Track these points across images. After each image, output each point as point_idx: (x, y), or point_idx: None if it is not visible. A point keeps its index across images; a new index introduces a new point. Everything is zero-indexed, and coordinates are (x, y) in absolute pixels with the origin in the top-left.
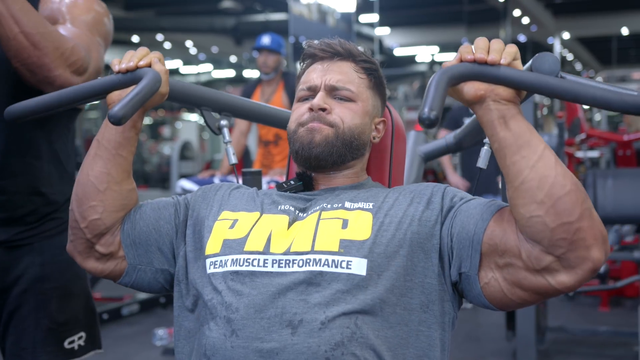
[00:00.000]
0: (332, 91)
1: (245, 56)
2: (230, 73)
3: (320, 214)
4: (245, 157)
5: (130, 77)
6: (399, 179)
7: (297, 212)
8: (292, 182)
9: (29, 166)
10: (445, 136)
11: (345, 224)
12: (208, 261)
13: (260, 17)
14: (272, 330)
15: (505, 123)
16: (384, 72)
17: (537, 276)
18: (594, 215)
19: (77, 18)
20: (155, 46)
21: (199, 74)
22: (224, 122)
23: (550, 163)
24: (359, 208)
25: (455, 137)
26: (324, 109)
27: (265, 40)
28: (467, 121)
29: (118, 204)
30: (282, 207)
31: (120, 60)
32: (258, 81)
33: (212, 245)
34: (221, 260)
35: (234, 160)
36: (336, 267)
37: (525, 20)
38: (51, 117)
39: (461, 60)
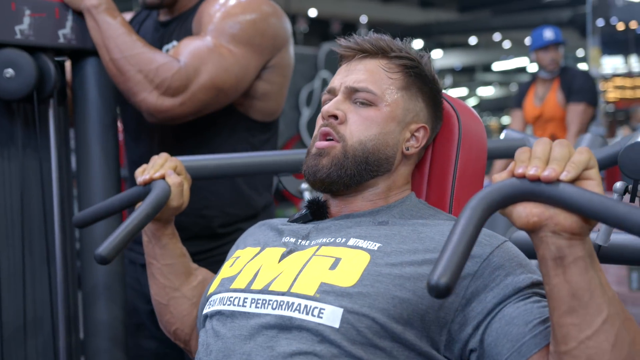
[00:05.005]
0: (352, 94)
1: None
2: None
3: (318, 249)
4: None
5: (144, 190)
6: (465, 199)
7: (299, 240)
8: (302, 211)
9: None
10: (622, 138)
11: (335, 264)
12: (208, 301)
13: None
14: None
15: (563, 267)
16: None
17: None
18: None
19: (219, 27)
20: (494, 46)
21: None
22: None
23: (606, 344)
24: (360, 247)
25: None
26: (335, 116)
27: (549, 34)
28: None
29: (187, 306)
30: (284, 238)
31: (143, 171)
32: (532, 80)
33: (213, 285)
34: (213, 300)
35: None
36: (307, 313)
37: None
38: (219, 134)
39: (513, 175)
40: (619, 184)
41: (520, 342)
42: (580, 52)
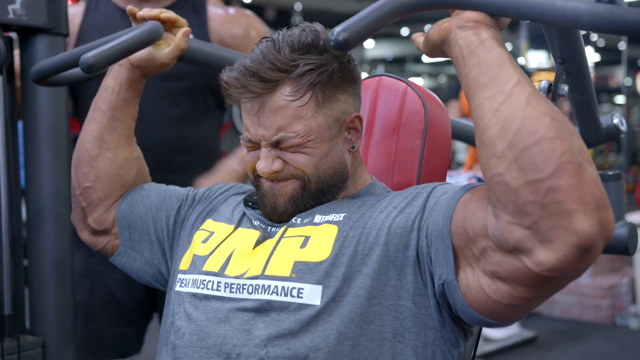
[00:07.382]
0: (275, 144)
1: (518, 43)
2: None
3: (284, 231)
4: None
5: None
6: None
7: (269, 227)
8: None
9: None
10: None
11: (305, 242)
12: (178, 277)
13: None
14: None
15: (471, 53)
16: None
17: (511, 257)
18: (584, 172)
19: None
20: None
21: None
22: None
23: (518, 103)
24: (327, 221)
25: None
26: (275, 171)
27: None
28: None
29: (112, 172)
30: (255, 222)
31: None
32: None
33: (185, 260)
34: (186, 279)
35: None
36: (286, 295)
37: None
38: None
39: None
40: (543, 82)
41: (449, 201)
42: (507, 46)
